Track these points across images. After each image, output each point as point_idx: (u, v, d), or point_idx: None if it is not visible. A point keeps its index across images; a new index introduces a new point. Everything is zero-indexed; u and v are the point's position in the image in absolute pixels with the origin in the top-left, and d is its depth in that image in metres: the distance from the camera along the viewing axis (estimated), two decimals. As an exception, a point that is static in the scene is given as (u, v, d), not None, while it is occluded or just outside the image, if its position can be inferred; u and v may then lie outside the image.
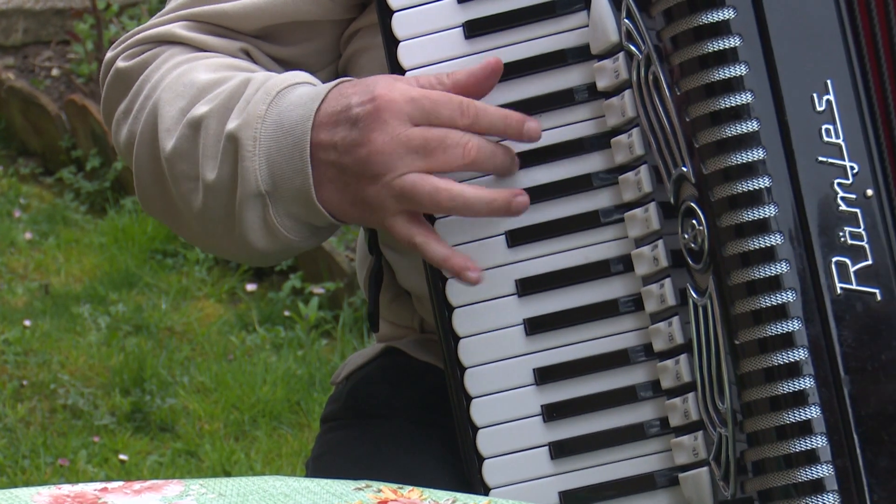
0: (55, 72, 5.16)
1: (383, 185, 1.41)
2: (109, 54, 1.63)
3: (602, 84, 1.42)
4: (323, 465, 1.66)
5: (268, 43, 1.59)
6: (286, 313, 3.79)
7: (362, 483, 1.20)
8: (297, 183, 1.45)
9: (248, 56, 1.58)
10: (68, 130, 4.55)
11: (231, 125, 1.48)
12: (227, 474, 3.26)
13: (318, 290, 3.79)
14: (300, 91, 1.47)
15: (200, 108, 1.50)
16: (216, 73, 1.53)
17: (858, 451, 1.33)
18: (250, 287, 3.92)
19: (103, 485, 1.19)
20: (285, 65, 1.59)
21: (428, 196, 1.40)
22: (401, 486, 1.20)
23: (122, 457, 3.34)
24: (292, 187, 1.46)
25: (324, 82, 1.57)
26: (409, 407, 1.64)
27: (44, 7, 5.43)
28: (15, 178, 4.58)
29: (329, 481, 1.20)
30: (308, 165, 1.44)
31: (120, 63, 1.61)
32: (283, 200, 1.47)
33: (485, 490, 1.44)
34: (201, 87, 1.52)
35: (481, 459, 1.44)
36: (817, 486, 1.33)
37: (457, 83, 1.42)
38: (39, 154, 4.69)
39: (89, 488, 1.18)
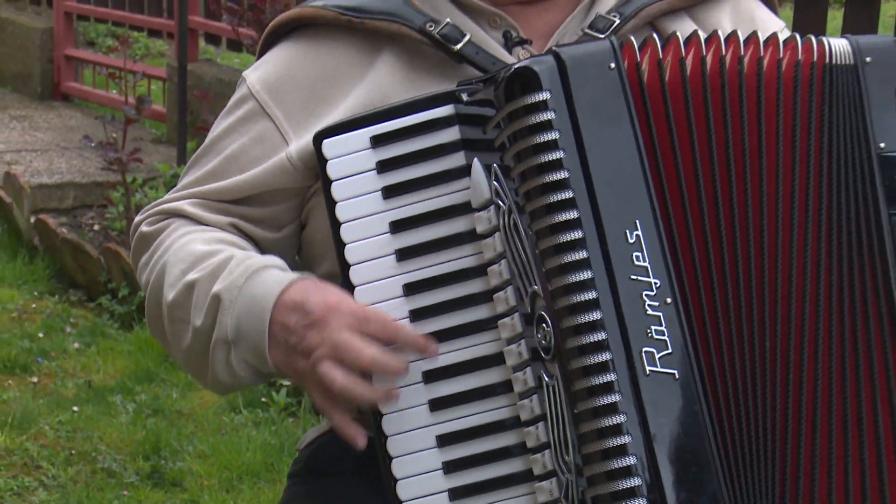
0: (96, 227, 5.13)
1: (309, 363, 1.40)
2: (137, 218, 1.62)
3: (480, 229, 1.42)
4: (288, 511, 1.64)
5: (250, 206, 1.57)
6: (263, 399, 3.76)
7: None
8: (256, 340, 1.44)
9: (236, 229, 1.57)
10: (105, 269, 4.52)
11: (216, 288, 1.46)
12: (220, 517, 3.24)
13: (286, 382, 3.76)
14: (271, 273, 1.46)
15: (194, 275, 1.49)
16: (210, 245, 1.52)
17: (665, 487, 1.32)
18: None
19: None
20: (263, 222, 1.58)
21: (329, 382, 1.39)
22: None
23: (144, 506, 3.31)
24: (251, 343, 1.45)
25: (292, 234, 1.59)
26: (352, 467, 1.61)
27: (88, 181, 5.42)
28: (66, 304, 4.54)
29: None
30: (266, 331, 1.43)
31: (143, 227, 1.60)
32: (242, 349, 1.46)
33: None
34: (198, 257, 1.50)
35: (400, 502, 1.42)
36: (637, 514, 1.32)
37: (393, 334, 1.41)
38: (84, 286, 4.65)
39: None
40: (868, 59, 1.38)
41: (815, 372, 1.36)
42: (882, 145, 1.37)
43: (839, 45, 1.39)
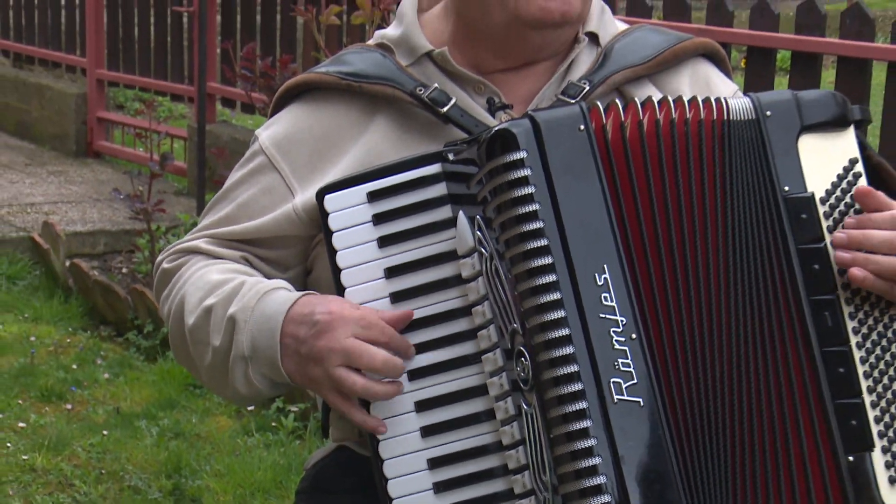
0: (124, 270, 5.12)
1: (323, 369, 1.40)
2: (159, 258, 1.62)
3: (465, 274, 1.42)
4: (295, 524, 1.63)
5: (259, 248, 1.57)
6: (273, 423, 3.74)
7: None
8: (269, 354, 1.44)
9: (247, 262, 1.57)
10: (132, 308, 4.50)
11: (231, 310, 1.46)
12: (235, 531, 3.21)
13: (294, 408, 3.74)
14: (280, 293, 1.47)
15: (211, 300, 1.49)
16: (224, 275, 1.52)
17: (633, 503, 1.31)
18: (250, 407, 3.88)
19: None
20: (271, 263, 1.57)
21: (349, 386, 1.40)
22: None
23: (166, 521, 3.28)
24: (265, 357, 1.44)
25: (297, 277, 1.58)
26: (353, 485, 1.60)
27: (117, 229, 5.41)
28: (97, 339, 4.52)
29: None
30: (277, 344, 1.43)
31: (164, 265, 1.60)
32: (258, 364, 1.46)
33: None
34: (214, 285, 1.50)
35: None
36: (608, 529, 1.31)
37: (390, 338, 1.41)
38: (113, 323, 4.63)
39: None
40: (769, 112, 1.40)
41: (749, 399, 1.37)
42: (786, 188, 1.39)
43: (740, 103, 1.41)
